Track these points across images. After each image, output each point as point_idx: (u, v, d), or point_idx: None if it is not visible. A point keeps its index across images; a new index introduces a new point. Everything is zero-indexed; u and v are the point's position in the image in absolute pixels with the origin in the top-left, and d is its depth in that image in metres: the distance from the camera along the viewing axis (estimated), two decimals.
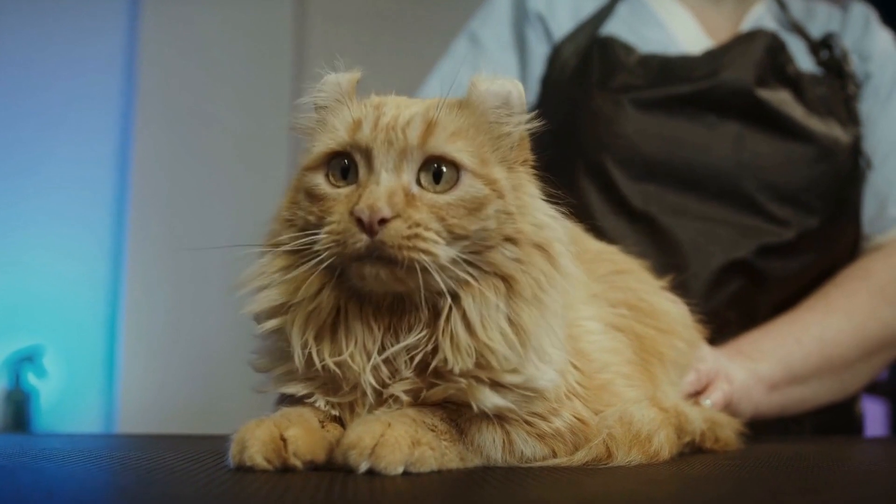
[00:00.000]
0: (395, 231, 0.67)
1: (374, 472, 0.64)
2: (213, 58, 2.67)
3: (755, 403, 1.11)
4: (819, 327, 1.20)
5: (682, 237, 1.25)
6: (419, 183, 0.70)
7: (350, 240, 0.68)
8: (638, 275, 0.97)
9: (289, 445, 0.67)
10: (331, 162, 0.72)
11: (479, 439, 0.72)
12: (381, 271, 0.68)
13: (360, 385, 0.71)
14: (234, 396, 2.54)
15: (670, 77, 1.32)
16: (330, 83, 0.77)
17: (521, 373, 0.70)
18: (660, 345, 0.90)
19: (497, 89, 0.74)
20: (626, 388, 0.81)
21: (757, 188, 1.27)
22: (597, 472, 0.71)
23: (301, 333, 0.72)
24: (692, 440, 0.87)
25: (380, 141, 0.70)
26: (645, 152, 1.29)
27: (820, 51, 1.38)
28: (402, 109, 0.72)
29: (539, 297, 0.71)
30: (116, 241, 2.58)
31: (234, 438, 0.69)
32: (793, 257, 1.27)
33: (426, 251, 0.67)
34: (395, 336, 0.71)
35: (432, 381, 0.71)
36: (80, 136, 2.61)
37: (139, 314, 2.51)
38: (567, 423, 0.74)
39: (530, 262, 0.71)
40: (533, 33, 1.45)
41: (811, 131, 1.28)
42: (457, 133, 0.71)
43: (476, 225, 0.69)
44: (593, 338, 0.81)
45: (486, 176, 0.71)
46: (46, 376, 2.41)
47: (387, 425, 0.66)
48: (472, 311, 0.69)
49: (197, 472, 0.68)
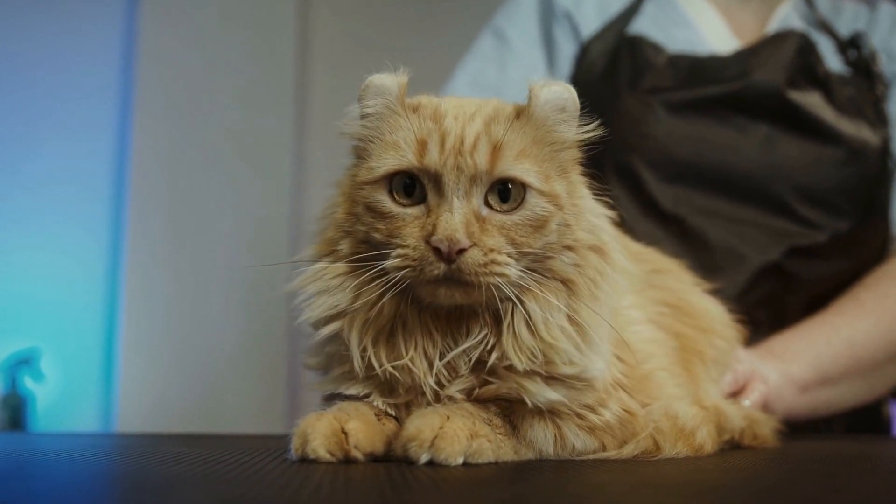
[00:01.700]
0: (473, 260, 0.74)
1: (434, 463, 0.71)
2: (215, 48, 2.70)
3: (787, 405, 1.18)
4: (849, 329, 1.27)
5: (712, 239, 1.32)
6: (487, 202, 0.76)
7: (427, 267, 0.74)
8: (677, 274, 1.04)
9: (350, 438, 0.74)
10: (394, 179, 0.78)
11: (531, 434, 0.79)
12: (456, 293, 0.75)
13: (416, 387, 0.78)
14: (236, 397, 2.61)
15: (700, 78, 1.38)
16: (374, 87, 0.81)
17: (575, 364, 0.77)
18: (700, 343, 0.98)
19: (555, 97, 0.80)
20: (668, 381, 0.88)
21: (786, 190, 1.34)
22: (645, 463, 0.78)
23: (360, 338, 0.78)
24: (732, 437, 0.95)
25: (450, 166, 0.76)
26: (675, 154, 1.36)
27: (848, 50, 1.45)
28: (465, 125, 0.77)
29: (595, 294, 0.79)
30: (114, 239, 2.61)
31: (295, 432, 0.76)
32: (823, 259, 1.34)
33: (500, 274, 0.74)
34: (452, 339, 0.78)
35: (486, 379, 0.78)
36: (77, 129, 2.62)
37: (138, 315, 2.55)
38: (616, 414, 0.81)
39: (587, 264, 0.79)
40: (561, 31, 1.51)
41: (841, 133, 1.35)
42: (522, 152, 0.77)
43: (540, 242, 0.77)
44: (636, 328, 0.89)
45: (550, 192, 0.78)
46: (43, 380, 2.43)
47: (445, 418, 0.73)
48: (535, 314, 0.77)
49: (259, 467, 0.74)
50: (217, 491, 0.60)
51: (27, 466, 0.76)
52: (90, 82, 2.67)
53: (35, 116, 2.60)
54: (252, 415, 2.64)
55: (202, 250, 2.65)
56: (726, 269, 1.31)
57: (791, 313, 1.33)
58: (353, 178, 0.81)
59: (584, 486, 0.66)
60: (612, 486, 0.66)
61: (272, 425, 2.62)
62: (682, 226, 1.34)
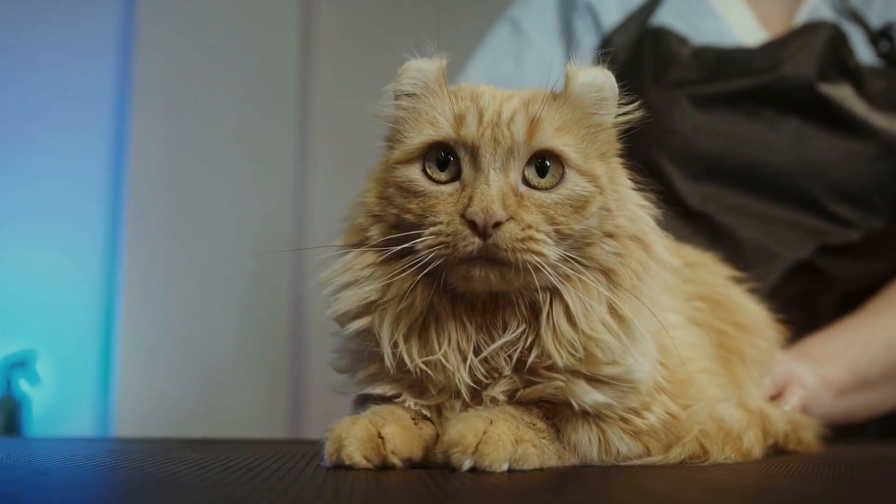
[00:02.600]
0: (510, 234, 0.72)
1: (477, 470, 0.69)
2: (216, 41, 2.70)
3: (824, 409, 1.17)
4: (887, 331, 1.27)
5: (742, 237, 1.32)
6: (524, 179, 0.75)
7: (461, 243, 0.72)
8: (711, 267, 1.03)
9: (387, 443, 0.72)
10: (427, 154, 0.77)
11: (576, 438, 0.78)
12: (491, 273, 0.73)
13: (448, 387, 0.76)
14: (237, 400, 2.61)
15: (728, 71, 1.38)
16: (412, 69, 0.81)
17: (620, 364, 0.76)
18: (740, 342, 0.97)
19: (593, 80, 0.80)
20: (709, 384, 0.88)
21: (818, 187, 1.34)
22: (693, 468, 0.77)
23: (391, 333, 0.77)
24: (776, 442, 0.94)
25: (487, 138, 0.75)
26: (702, 150, 1.35)
27: (880, 41, 1.44)
28: (503, 102, 0.77)
29: (637, 287, 0.77)
30: (111, 238, 2.61)
31: (329, 437, 0.74)
32: (856, 258, 1.33)
33: (538, 252, 0.73)
34: (488, 335, 0.76)
35: (529, 379, 0.76)
36: (73, 125, 2.62)
37: (137, 316, 2.54)
38: (660, 418, 0.80)
39: (629, 254, 0.77)
40: (581, 22, 1.50)
41: (873, 127, 1.35)
42: (561, 128, 0.77)
43: (581, 224, 0.75)
44: (675, 332, 0.87)
45: (589, 172, 0.77)
46: (39, 383, 2.43)
47: (489, 422, 0.72)
48: (575, 304, 0.75)
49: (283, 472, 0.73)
50: (218, 498, 0.59)
51: (22, 472, 0.75)
52: (87, 76, 2.66)
53: (30, 111, 2.59)
54: (254, 419, 2.63)
55: (202, 249, 2.64)
56: (757, 269, 1.29)
57: (824, 314, 1.33)
58: (384, 163, 0.81)
59: (632, 492, 0.66)
60: (660, 492, 0.66)
61: (274, 429, 2.62)
62: (710, 224, 1.34)
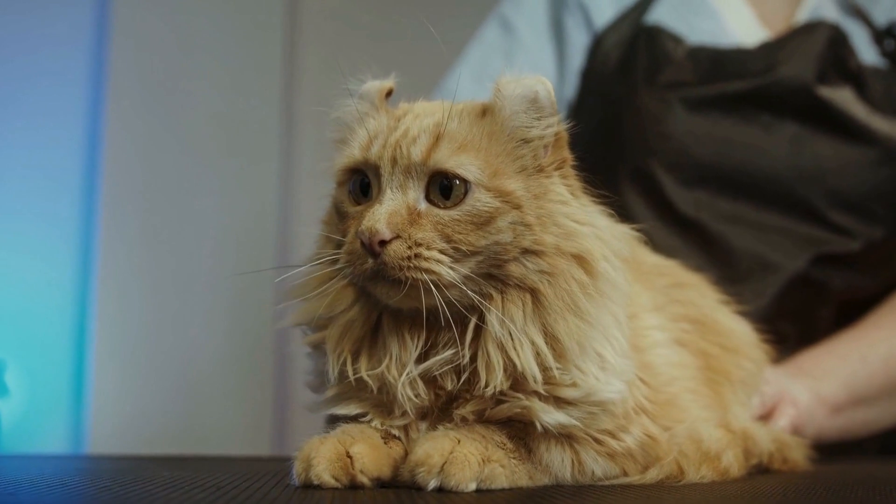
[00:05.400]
0: (395, 252, 0.78)
1: (444, 489, 0.74)
2: (197, 28, 2.67)
3: (818, 427, 1.21)
4: (886, 345, 1.30)
5: (737, 247, 1.35)
6: (429, 199, 0.80)
7: (358, 262, 0.80)
8: (699, 289, 1.07)
9: (355, 462, 0.77)
10: (352, 179, 0.84)
11: (548, 458, 0.82)
12: (389, 290, 0.79)
13: (397, 403, 0.81)
14: (219, 415, 2.62)
15: (723, 73, 1.41)
16: (360, 93, 0.88)
17: (579, 386, 0.80)
18: (726, 363, 1.01)
19: (522, 91, 0.82)
20: (693, 404, 0.93)
21: (816, 194, 1.37)
22: (669, 489, 0.82)
23: (336, 346, 0.83)
24: (760, 461, 0.99)
25: (386, 159, 0.81)
26: (695, 155, 1.38)
27: (884, 40, 1.46)
28: (421, 120, 0.83)
29: (578, 307, 0.80)
30: (85, 239, 2.60)
31: (298, 456, 0.80)
32: (856, 269, 1.37)
33: (428, 270, 0.78)
34: (436, 352, 0.81)
35: (498, 399, 0.81)
36: (43, 116, 2.57)
37: (112, 324, 2.53)
38: (637, 440, 0.84)
39: (559, 273, 0.80)
40: (572, 20, 1.54)
41: (874, 132, 1.38)
42: (465, 145, 0.80)
43: (485, 240, 0.79)
44: (660, 350, 0.92)
45: (498, 188, 0.80)
46: (8, 394, 2.44)
47: (456, 441, 0.77)
48: (495, 327, 0.79)
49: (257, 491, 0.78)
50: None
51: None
52: (58, 64, 2.62)
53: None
54: (237, 435, 2.63)
55: (182, 251, 2.64)
56: (752, 280, 1.34)
57: (822, 327, 1.36)
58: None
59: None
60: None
61: (258, 446, 2.64)
62: (703, 233, 1.37)
